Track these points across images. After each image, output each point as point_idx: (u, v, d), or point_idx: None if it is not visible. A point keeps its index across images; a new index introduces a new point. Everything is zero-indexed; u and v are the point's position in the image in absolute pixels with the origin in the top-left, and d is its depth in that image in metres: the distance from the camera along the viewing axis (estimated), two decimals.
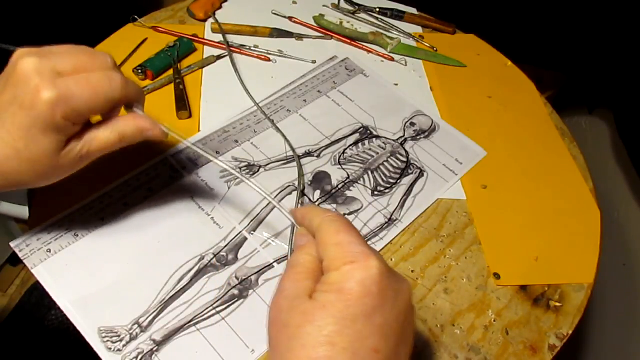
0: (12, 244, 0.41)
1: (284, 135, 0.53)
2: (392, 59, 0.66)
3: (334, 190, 0.50)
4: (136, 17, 0.62)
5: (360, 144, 0.54)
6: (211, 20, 0.65)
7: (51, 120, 0.30)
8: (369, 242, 0.46)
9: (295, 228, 0.32)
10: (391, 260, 0.46)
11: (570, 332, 0.44)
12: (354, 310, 0.24)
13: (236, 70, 0.59)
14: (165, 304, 0.40)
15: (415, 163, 0.54)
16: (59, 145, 0.32)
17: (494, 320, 0.43)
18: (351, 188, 0.50)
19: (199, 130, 0.52)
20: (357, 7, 0.71)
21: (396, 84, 0.62)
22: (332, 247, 0.27)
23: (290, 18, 0.68)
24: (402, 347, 0.26)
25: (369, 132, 0.56)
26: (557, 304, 0.45)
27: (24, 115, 0.30)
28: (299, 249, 0.29)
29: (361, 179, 0.51)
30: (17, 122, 0.30)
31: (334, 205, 0.48)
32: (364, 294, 0.25)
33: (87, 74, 0.31)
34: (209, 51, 0.61)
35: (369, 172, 0.52)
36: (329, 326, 0.24)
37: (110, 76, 0.32)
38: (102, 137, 0.34)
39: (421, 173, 0.53)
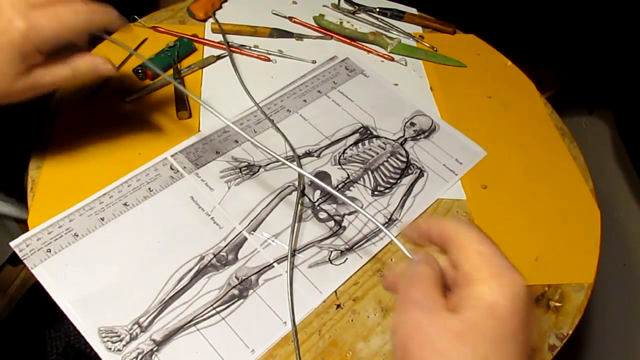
0: (12, 244, 0.41)
1: (284, 135, 0.53)
2: (392, 59, 0.66)
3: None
4: (136, 17, 0.62)
5: (360, 144, 0.54)
6: (211, 20, 0.65)
7: (20, 48, 0.34)
8: (369, 242, 0.46)
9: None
10: (391, 260, 0.46)
11: (570, 332, 0.44)
12: (505, 329, 0.23)
13: (236, 70, 0.59)
14: (165, 304, 0.40)
15: (415, 163, 0.54)
16: (19, 72, 0.35)
17: None
18: (351, 188, 0.50)
19: (199, 130, 0.52)
20: (357, 7, 0.71)
21: (396, 84, 0.62)
22: (476, 255, 0.25)
23: (290, 18, 0.68)
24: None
25: (369, 132, 0.56)
26: (557, 304, 0.45)
27: None
28: (417, 261, 0.28)
29: (361, 179, 0.51)
30: None
31: (334, 205, 0.48)
32: (513, 311, 0.24)
33: (55, 7, 0.35)
34: (209, 51, 0.61)
35: (369, 172, 0.52)
36: (484, 346, 0.23)
37: (76, 9, 0.36)
38: (57, 71, 0.38)
39: (421, 173, 0.53)
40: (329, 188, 0.36)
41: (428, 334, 0.24)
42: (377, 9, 0.70)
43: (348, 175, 0.51)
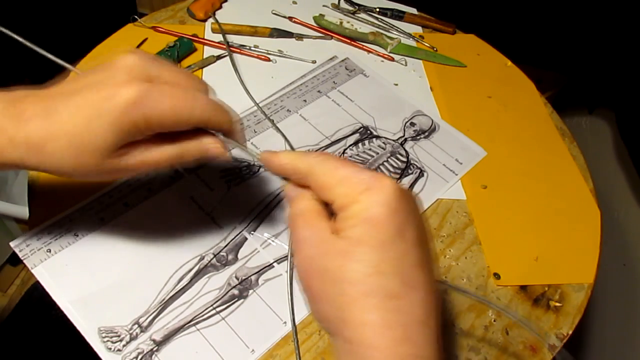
0: (12, 244, 0.41)
1: (284, 135, 0.53)
2: (392, 59, 0.66)
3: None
4: (136, 17, 0.62)
5: (360, 144, 0.54)
6: (211, 20, 0.65)
7: (121, 119, 0.29)
8: None
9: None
10: None
11: (570, 332, 0.44)
12: (387, 233, 0.24)
13: (236, 70, 0.59)
14: (165, 304, 0.40)
15: (415, 163, 0.54)
16: (114, 146, 0.30)
17: (494, 320, 0.43)
18: None
19: None
20: (357, 7, 0.71)
21: (396, 84, 0.62)
22: (338, 185, 0.26)
23: (290, 18, 0.68)
24: (431, 252, 0.27)
25: (369, 132, 0.56)
26: (557, 304, 0.45)
27: (98, 101, 0.29)
28: (293, 200, 0.28)
29: None
30: (88, 105, 0.29)
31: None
32: (390, 214, 0.25)
33: (175, 87, 0.30)
34: (209, 51, 0.61)
35: None
36: (371, 256, 0.24)
37: (195, 96, 0.31)
38: (162, 150, 0.32)
39: (421, 173, 0.53)
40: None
41: (321, 265, 0.25)
42: (377, 9, 0.70)
43: None
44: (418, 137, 0.56)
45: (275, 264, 0.44)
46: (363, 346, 0.24)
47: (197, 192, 0.47)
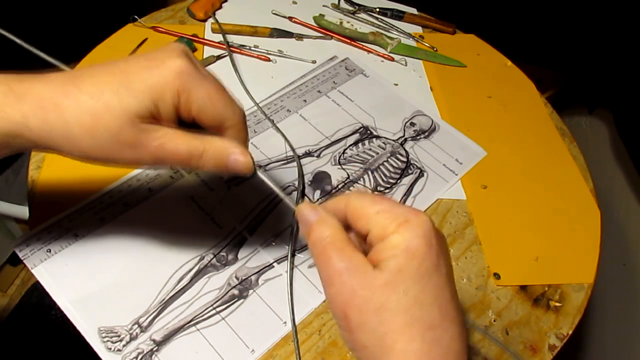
0: (12, 244, 0.41)
1: (284, 135, 0.53)
2: (392, 59, 0.66)
3: (334, 190, 0.50)
4: (136, 17, 0.62)
5: (360, 144, 0.54)
6: (211, 20, 0.65)
7: (163, 84, 0.28)
8: None
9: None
10: None
11: (570, 332, 0.44)
12: (426, 266, 0.25)
13: (236, 70, 0.59)
14: (165, 304, 0.40)
15: (415, 163, 0.54)
16: (145, 110, 0.28)
17: (494, 320, 0.43)
18: (351, 188, 0.50)
19: None
20: (357, 7, 0.71)
21: (396, 84, 0.62)
22: (376, 216, 0.26)
23: (290, 18, 0.68)
24: (452, 281, 0.27)
25: (369, 132, 0.56)
26: (557, 304, 0.45)
27: (144, 66, 0.28)
28: (314, 225, 0.27)
29: (361, 179, 0.51)
30: (132, 68, 0.28)
31: None
32: (429, 247, 0.25)
33: (218, 85, 0.30)
34: (209, 51, 0.61)
35: (369, 172, 0.52)
36: (413, 287, 0.24)
37: (238, 105, 0.31)
38: (185, 140, 0.29)
39: (421, 173, 0.53)
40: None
41: (363, 296, 0.25)
42: (377, 9, 0.71)
43: (348, 175, 0.51)
44: (418, 137, 0.56)
45: (275, 264, 0.44)
46: None
47: (197, 192, 0.47)
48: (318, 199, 0.49)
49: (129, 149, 0.28)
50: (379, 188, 0.51)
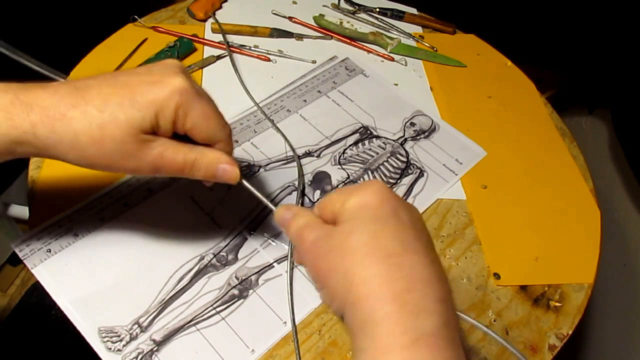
0: (12, 244, 0.41)
1: (284, 135, 0.53)
2: (392, 59, 0.66)
3: (334, 190, 0.50)
4: (136, 17, 0.62)
5: (360, 144, 0.54)
6: (211, 20, 0.65)
7: (164, 100, 0.30)
8: None
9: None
10: None
11: (570, 332, 0.44)
12: (382, 212, 0.27)
13: (236, 70, 0.59)
14: (165, 304, 0.40)
15: (415, 163, 0.54)
16: (146, 125, 0.30)
17: (494, 320, 0.43)
18: None
19: None
20: (357, 7, 0.71)
21: (396, 84, 0.62)
22: (336, 196, 0.29)
23: (290, 18, 0.68)
24: (431, 244, 0.28)
25: (369, 132, 0.56)
26: (557, 304, 0.45)
27: (146, 82, 0.30)
28: (291, 220, 0.31)
29: (361, 179, 0.51)
30: (134, 84, 0.30)
31: None
32: (383, 199, 0.28)
33: (211, 103, 0.33)
34: (209, 51, 0.61)
35: (369, 172, 0.52)
36: (369, 227, 0.27)
37: (226, 123, 0.34)
38: (182, 151, 0.32)
39: (421, 173, 0.53)
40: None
41: (326, 246, 0.28)
42: (377, 9, 0.71)
43: (348, 175, 0.51)
44: (418, 137, 0.56)
45: (275, 264, 0.44)
46: (369, 300, 0.25)
47: (197, 192, 0.47)
48: (318, 199, 0.49)
49: (131, 158, 0.31)
50: None
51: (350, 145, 0.54)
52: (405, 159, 0.54)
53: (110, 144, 0.30)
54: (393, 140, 0.55)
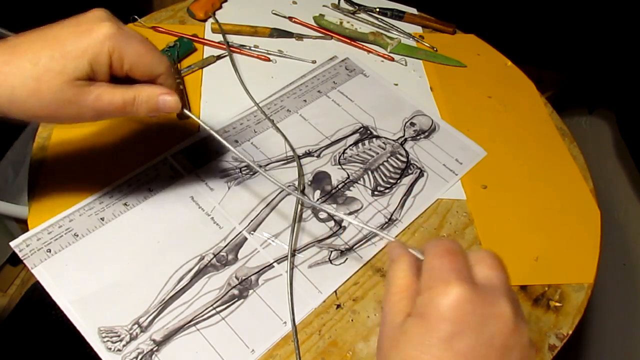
0: (12, 244, 0.41)
1: (284, 135, 0.53)
2: (392, 59, 0.66)
3: (334, 190, 0.50)
4: (136, 17, 0.62)
5: (360, 144, 0.54)
6: (211, 20, 0.65)
7: (97, 47, 0.31)
8: (369, 242, 0.46)
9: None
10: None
11: (570, 332, 0.44)
12: (431, 336, 0.25)
13: (236, 70, 0.59)
14: (165, 304, 0.40)
15: (415, 163, 0.54)
16: (81, 72, 0.32)
17: None
18: (351, 188, 0.50)
19: (198, 131, 0.52)
20: (357, 7, 0.71)
21: (396, 84, 0.62)
22: (427, 270, 0.27)
23: (290, 18, 0.68)
24: None
25: (369, 132, 0.56)
26: (557, 304, 0.45)
27: (75, 32, 0.31)
28: (393, 262, 0.30)
29: (361, 179, 0.51)
30: (64, 35, 0.31)
31: (334, 205, 0.48)
32: (439, 320, 0.25)
33: (145, 42, 0.34)
34: (209, 51, 0.61)
35: (369, 172, 0.52)
36: (408, 351, 0.25)
37: (163, 56, 0.35)
38: (117, 93, 0.34)
39: (421, 173, 0.53)
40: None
41: (381, 343, 0.27)
42: (377, 9, 0.70)
43: (348, 175, 0.51)
44: (418, 137, 0.56)
45: (275, 264, 0.44)
46: None
47: (197, 192, 0.47)
48: (318, 199, 0.49)
49: (71, 105, 0.32)
50: (378, 188, 0.51)
51: (350, 145, 0.54)
52: (405, 159, 0.54)
53: (47, 93, 0.31)
54: (393, 140, 0.55)
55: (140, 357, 0.37)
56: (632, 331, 0.77)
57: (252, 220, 0.46)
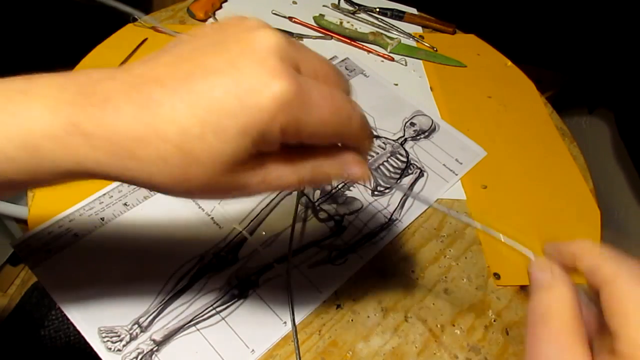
0: (12, 244, 0.41)
1: None
2: (392, 59, 0.66)
3: (333, 190, 0.50)
4: (136, 17, 0.62)
5: None
6: (211, 20, 0.65)
7: (264, 121, 0.20)
8: (369, 242, 0.46)
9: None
10: (391, 259, 0.46)
11: None
12: None
13: None
14: (165, 304, 0.40)
15: (415, 163, 0.54)
16: (242, 158, 0.22)
17: (494, 320, 0.43)
18: (351, 188, 0.50)
19: None
20: (357, 7, 0.71)
21: (396, 84, 0.62)
22: (636, 323, 0.20)
23: (290, 18, 0.68)
24: None
25: None
26: None
27: (234, 92, 0.20)
28: (542, 290, 0.23)
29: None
30: (216, 96, 0.20)
31: (334, 205, 0.48)
32: None
33: (330, 87, 0.23)
34: None
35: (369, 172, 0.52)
36: None
37: (354, 104, 0.24)
38: (293, 171, 0.24)
39: (421, 173, 0.53)
40: None
41: None
42: (377, 9, 0.71)
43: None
44: (418, 137, 0.56)
45: (275, 264, 0.44)
46: None
47: None
48: (318, 199, 0.49)
49: (225, 193, 0.24)
50: (379, 188, 0.51)
51: None
52: (405, 159, 0.54)
53: (195, 183, 0.22)
54: (393, 140, 0.55)
55: (140, 357, 0.37)
56: None
57: (252, 220, 0.46)
